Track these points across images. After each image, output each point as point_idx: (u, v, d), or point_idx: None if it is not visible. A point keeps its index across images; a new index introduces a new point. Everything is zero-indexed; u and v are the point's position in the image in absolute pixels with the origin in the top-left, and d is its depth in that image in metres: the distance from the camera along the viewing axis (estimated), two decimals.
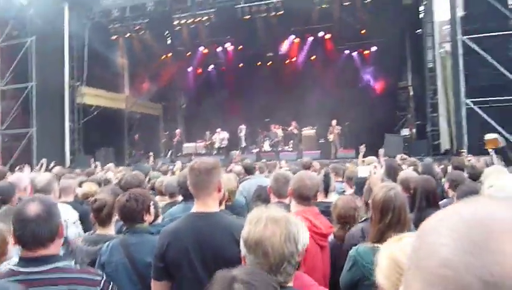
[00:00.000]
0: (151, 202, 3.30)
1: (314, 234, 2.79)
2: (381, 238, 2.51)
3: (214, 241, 2.47)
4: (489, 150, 7.34)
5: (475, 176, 6.57)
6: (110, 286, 2.26)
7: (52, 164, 10.60)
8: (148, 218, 3.24)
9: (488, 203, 0.60)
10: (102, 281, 2.20)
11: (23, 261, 2.11)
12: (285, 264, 1.71)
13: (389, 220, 2.57)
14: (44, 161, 10.95)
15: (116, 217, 3.47)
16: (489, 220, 0.56)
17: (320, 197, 4.67)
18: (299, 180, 3.23)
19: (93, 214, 3.51)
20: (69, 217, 4.08)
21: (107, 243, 3.17)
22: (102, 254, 3.12)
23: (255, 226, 1.74)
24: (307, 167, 7.71)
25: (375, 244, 2.50)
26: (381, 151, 8.60)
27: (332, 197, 4.61)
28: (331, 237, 3.40)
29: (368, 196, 3.62)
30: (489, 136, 6.74)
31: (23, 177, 4.65)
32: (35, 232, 2.08)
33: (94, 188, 5.29)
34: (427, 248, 0.58)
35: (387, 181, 4.54)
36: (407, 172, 5.73)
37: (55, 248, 2.16)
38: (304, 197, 3.17)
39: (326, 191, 4.68)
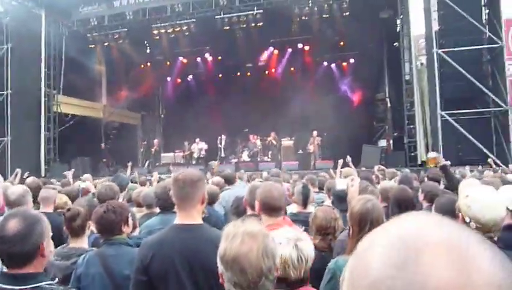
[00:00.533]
0: (129, 213, 3.26)
1: None
2: None
3: (200, 254, 2.43)
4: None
5: (452, 187, 6.67)
6: None
7: (26, 174, 10.37)
8: (126, 230, 3.19)
9: (416, 219, 0.62)
10: None
11: (3, 276, 2.04)
12: (263, 280, 1.65)
13: (367, 232, 2.58)
14: (19, 170, 10.73)
15: (89, 229, 3.41)
16: (415, 236, 0.58)
17: (299, 208, 4.70)
18: (265, 192, 3.16)
19: (66, 224, 3.42)
20: None
21: (83, 255, 3.10)
22: (78, 266, 3.04)
23: (231, 243, 1.68)
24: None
25: None
26: (349, 158, 8.79)
27: (311, 208, 4.63)
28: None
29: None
30: (430, 155, 6.96)
31: None
32: (10, 252, 2.00)
33: (64, 199, 5.18)
34: (360, 267, 0.60)
35: (372, 188, 4.58)
36: (386, 182, 5.80)
37: (36, 268, 2.06)
38: (274, 209, 3.11)
39: (305, 203, 4.69)
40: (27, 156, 17.28)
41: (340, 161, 8.98)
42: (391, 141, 19.04)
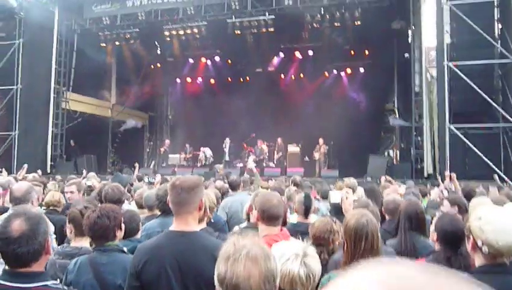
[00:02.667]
0: (122, 218, 3.20)
1: None
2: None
3: (194, 262, 2.40)
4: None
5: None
6: None
7: (39, 172, 10.43)
8: (119, 234, 3.13)
9: (400, 266, 0.55)
10: None
11: (8, 274, 2.04)
12: None
13: (363, 247, 2.54)
14: (25, 166, 10.83)
15: None
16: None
17: (300, 218, 4.63)
18: (266, 201, 3.13)
19: (71, 224, 3.40)
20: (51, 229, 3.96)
21: (74, 260, 3.04)
22: (69, 272, 2.99)
23: (232, 267, 1.62)
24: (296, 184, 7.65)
25: None
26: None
27: (312, 219, 4.59)
28: None
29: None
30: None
31: None
32: (17, 253, 2.00)
33: (57, 196, 5.16)
34: None
35: (371, 203, 4.51)
36: (391, 196, 5.70)
37: (40, 266, 2.08)
38: (273, 217, 3.09)
39: (307, 213, 4.63)
40: (34, 152, 17.38)
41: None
42: (398, 152, 18.93)
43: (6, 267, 2.06)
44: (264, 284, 1.61)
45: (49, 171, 17.22)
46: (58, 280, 2.28)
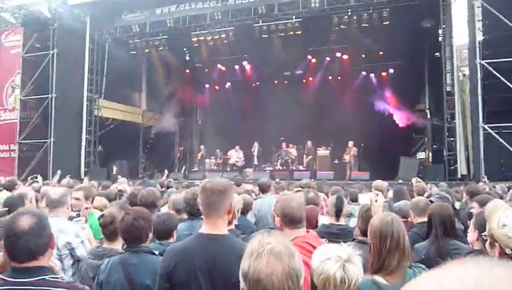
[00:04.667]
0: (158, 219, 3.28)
1: None
2: (382, 266, 2.44)
3: (223, 265, 2.42)
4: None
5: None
6: None
7: (67, 177, 10.71)
8: (150, 236, 3.21)
9: (475, 272, 0.55)
10: None
11: (14, 271, 2.11)
12: None
13: (389, 246, 2.50)
14: (59, 172, 11.14)
15: None
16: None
17: (332, 220, 4.62)
18: (286, 205, 3.07)
19: (101, 229, 3.50)
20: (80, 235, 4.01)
21: (106, 261, 3.12)
22: (100, 272, 3.07)
23: (255, 262, 1.63)
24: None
25: (375, 276, 2.42)
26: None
27: (342, 221, 4.57)
28: None
29: (361, 222, 3.55)
30: None
31: (28, 190, 4.70)
32: (28, 247, 2.08)
33: (104, 201, 5.31)
34: None
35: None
36: (419, 198, 5.60)
37: (45, 260, 2.16)
38: (294, 220, 3.03)
39: (338, 215, 4.61)
40: (68, 158, 17.84)
41: None
42: (430, 154, 18.56)
43: (13, 265, 2.13)
44: (287, 281, 1.60)
45: (82, 177, 17.62)
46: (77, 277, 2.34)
